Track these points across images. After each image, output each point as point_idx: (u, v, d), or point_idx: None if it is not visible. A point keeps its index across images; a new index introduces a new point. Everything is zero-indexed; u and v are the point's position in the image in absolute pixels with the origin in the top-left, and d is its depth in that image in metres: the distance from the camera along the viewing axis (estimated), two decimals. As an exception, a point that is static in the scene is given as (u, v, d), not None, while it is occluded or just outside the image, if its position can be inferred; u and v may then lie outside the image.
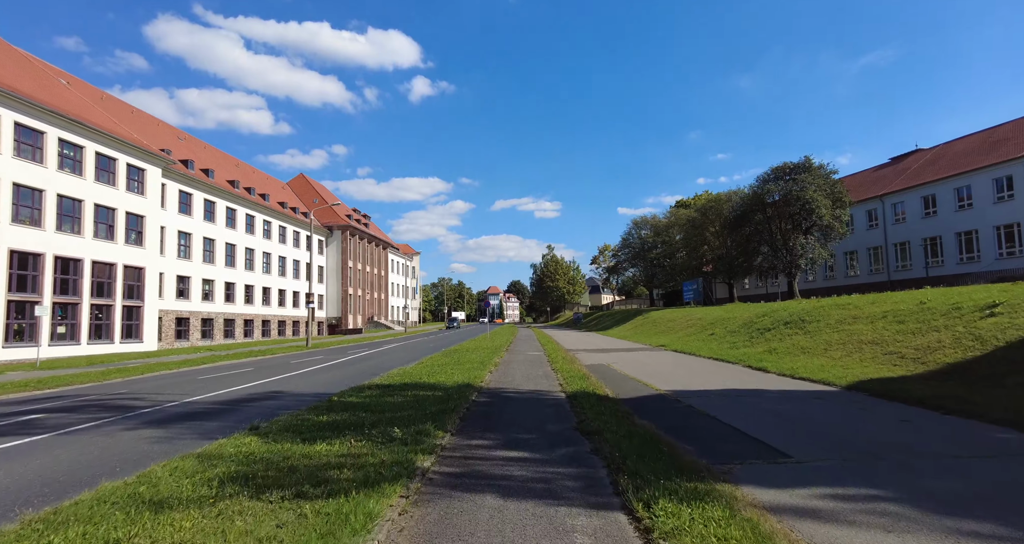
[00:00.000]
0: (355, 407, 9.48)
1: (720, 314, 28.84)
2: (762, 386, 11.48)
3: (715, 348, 20.44)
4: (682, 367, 15.99)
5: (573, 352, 23.40)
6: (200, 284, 45.21)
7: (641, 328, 38.59)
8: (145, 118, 46.95)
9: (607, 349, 24.83)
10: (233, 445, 6.85)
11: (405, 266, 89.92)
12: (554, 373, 15.28)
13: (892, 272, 46.46)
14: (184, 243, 43.71)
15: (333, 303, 64.74)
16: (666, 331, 31.85)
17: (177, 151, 45.97)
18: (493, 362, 18.39)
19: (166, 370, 19.99)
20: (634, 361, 18.62)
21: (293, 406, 10.82)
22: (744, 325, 22.89)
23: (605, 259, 77.68)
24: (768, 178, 45.60)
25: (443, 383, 12.68)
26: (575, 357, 20.64)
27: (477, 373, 14.67)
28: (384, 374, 15.46)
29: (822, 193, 41.76)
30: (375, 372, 17.21)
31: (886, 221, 47.29)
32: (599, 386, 11.93)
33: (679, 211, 58.80)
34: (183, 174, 42.81)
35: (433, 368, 16.46)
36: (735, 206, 49.12)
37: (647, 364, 17.32)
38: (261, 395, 12.81)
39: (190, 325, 44.04)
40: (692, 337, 25.63)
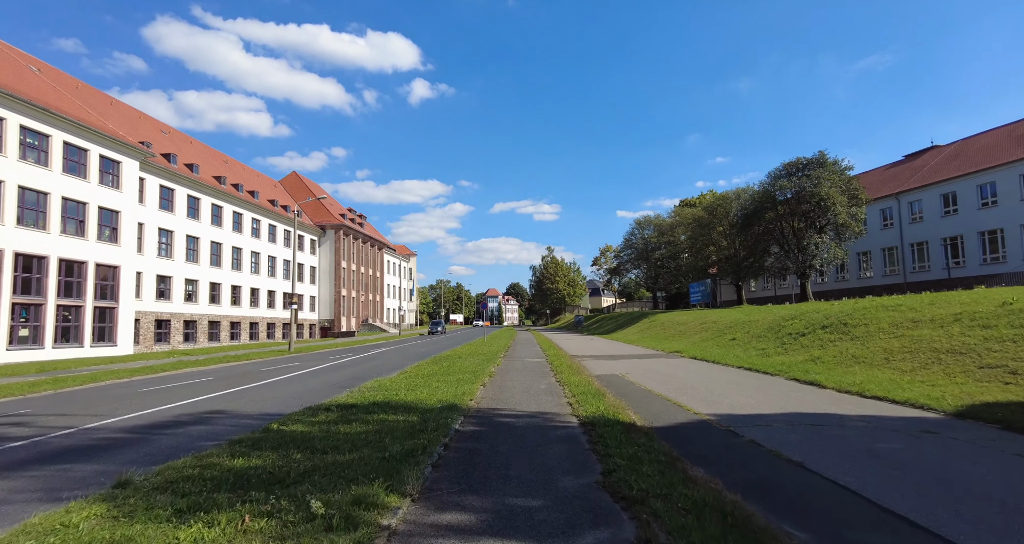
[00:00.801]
0: (293, 442, 6.79)
1: (737, 317, 26.13)
2: (832, 409, 8.78)
3: (742, 356, 17.73)
4: (714, 380, 13.26)
5: (579, 359, 20.69)
6: (183, 284, 42.47)
7: (648, 332, 35.85)
8: (125, 110, 44.29)
9: (616, 355, 22.13)
10: (49, 527, 4.16)
11: (401, 267, 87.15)
12: (560, 386, 12.58)
13: (908, 273, 43.87)
14: (165, 241, 40.99)
15: (326, 305, 61.97)
16: (677, 335, 29.13)
17: (160, 145, 43.29)
18: (487, 371, 15.68)
19: (114, 379, 17.24)
20: (652, 371, 15.90)
21: (221, 435, 8.13)
22: (770, 329, 20.18)
23: (607, 260, 74.90)
24: (780, 174, 42.99)
25: (422, 402, 9.97)
26: (582, 365, 17.94)
27: (467, 387, 11.95)
28: (356, 388, 12.74)
29: (837, 189, 39.18)
30: (348, 384, 14.50)
31: (902, 220, 44.70)
32: (620, 408, 9.23)
33: (684, 210, 56.16)
34: (164, 168, 40.13)
35: (416, 380, 13.76)
36: (744, 204, 46.48)
37: (670, 375, 14.60)
38: (194, 417, 10.08)
39: (171, 327, 41.27)
40: (710, 342, 22.91)
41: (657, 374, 14.94)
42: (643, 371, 15.82)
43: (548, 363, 18.92)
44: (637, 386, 12.69)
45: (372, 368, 19.64)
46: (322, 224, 61.93)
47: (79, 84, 40.18)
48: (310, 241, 60.98)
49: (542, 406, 10.02)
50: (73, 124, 31.13)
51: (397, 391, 11.56)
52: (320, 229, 61.91)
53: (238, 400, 12.24)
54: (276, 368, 20.77)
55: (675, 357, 20.26)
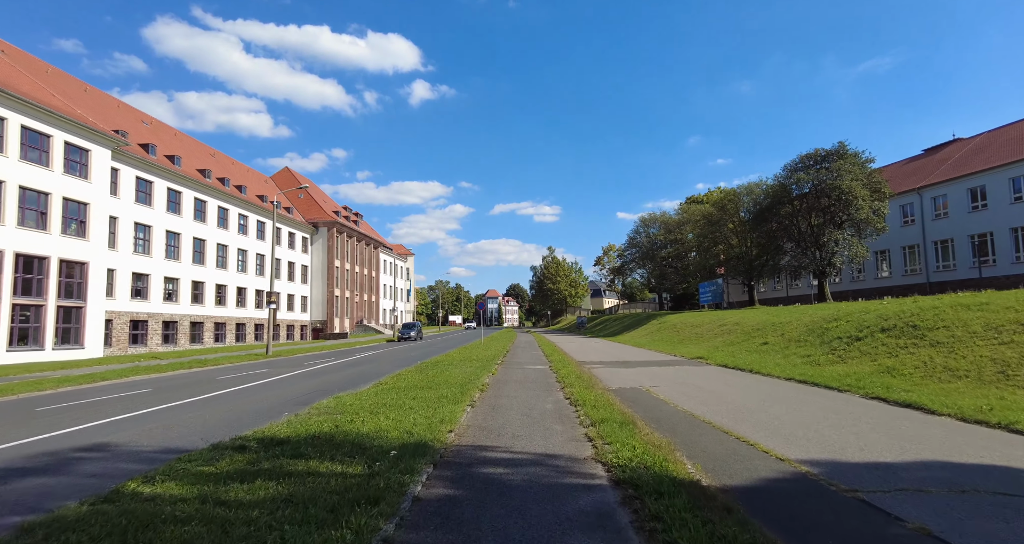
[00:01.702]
0: (126, 531, 3.83)
1: (763, 318, 23.10)
2: (990, 455, 5.77)
3: (784, 364, 14.73)
4: (769, 398, 10.23)
5: (587, 366, 17.68)
6: (161, 283, 39.46)
7: (659, 334, 32.80)
8: (102, 98, 41.34)
9: (630, 362, 19.11)
10: None
11: (399, 267, 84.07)
12: (571, 407, 9.59)
13: (931, 273, 40.89)
14: (142, 236, 37.99)
15: (318, 305, 58.93)
16: (694, 339, 26.11)
17: (139, 135, 40.35)
18: (479, 383, 12.66)
19: (29, 392, 14.14)
20: (682, 383, 12.87)
21: (53, 495, 5.16)
22: (809, 332, 17.17)
23: (610, 260, 71.84)
24: (797, 167, 40.00)
25: (381, 436, 6.97)
26: (593, 374, 14.92)
27: (448, 410, 8.92)
28: (307, 408, 9.73)
29: (859, 183, 36.22)
30: (305, 399, 11.50)
31: (924, 217, 41.71)
32: (664, 449, 6.22)
33: (692, 207, 53.14)
34: (141, 159, 37.15)
35: (388, 396, 10.75)
36: (757, 199, 43.51)
37: (707, 390, 11.56)
38: (55, 458, 7.06)
39: (148, 328, 38.25)
40: (736, 347, 19.89)
41: (690, 388, 11.91)
42: (670, 383, 12.78)
43: (553, 372, 15.92)
44: (671, 407, 9.66)
45: (346, 378, 16.63)
46: (314, 221, 58.93)
47: (49, 68, 37.24)
48: (302, 239, 57.98)
49: (550, 442, 7.00)
50: (32, 106, 28.16)
51: (355, 415, 8.55)
52: (312, 226, 58.90)
53: (150, 424, 9.22)
54: (238, 376, 17.76)
55: (700, 364, 17.23)
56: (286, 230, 55.01)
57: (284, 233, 54.72)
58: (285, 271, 54.66)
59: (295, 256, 56.58)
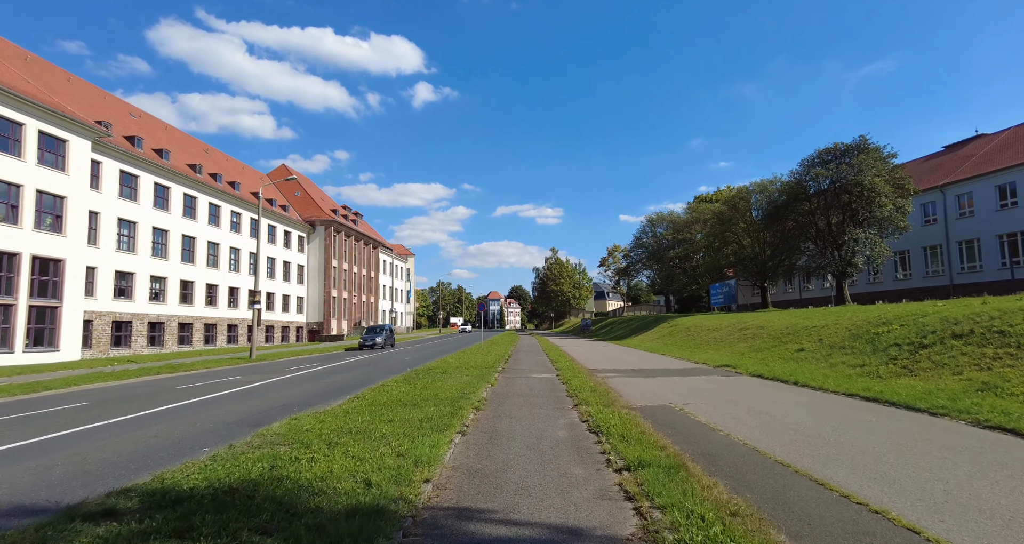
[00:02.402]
0: None
1: (789, 321, 20.79)
2: None
3: (833, 375, 12.45)
4: (844, 423, 7.92)
5: (600, 374, 15.41)
6: (147, 282, 37.30)
7: (671, 339, 30.47)
8: (87, 88, 39.28)
9: (647, 370, 16.82)
10: None
11: (398, 268, 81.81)
12: (591, 435, 7.36)
13: (955, 274, 38.51)
14: (127, 233, 35.85)
15: (314, 306, 56.71)
16: (711, 343, 23.80)
17: (125, 127, 38.28)
18: (475, 399, 10.40)
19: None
20: (719, 399, 10.58)
21: None
22: (854, 337, 14.87)
23: (615, 260, 69.45)
24: (814, 162, 37.66)
25: (326, 489, 4.74)
26: (608, 386, 12.66)
27: (431, 440, 6.65)
28: (254, 433, 7.50)
29: (882, 178, 33.89)
30: (260, 418, 9.27)
31: (948, 215, 39.34)
32: (746, 519, 3.96)
33: (702, 206, 50.81)
34: (127, 152, 35.04)
35: (359, 417, 8.49)
36: (771, 197, 41.18)
37: (757, 411, 9.25)
38: None
39: (132, 330, 36.08)
40: (766, 354, 17.60)
41: (732, 406, 9.62)
42: (705, 399, 10.50)
43: (562, 382, 13.66)
44: (722, 435, 7.38)
45: (324, 388, 14.38)
46: (311, 220, 56.75)
47: (28, 55, 35.18)
48: (298, 238, 55.80)
49: (571, 502, 4.73)
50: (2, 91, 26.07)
51: (306, 448, 6.30)
52: (309, 225, 56.73)
53: (32, 460, 6.96)
54: (204, 384, 15.53)
55: (729, 374, 14.94)
56: (281, 228, 52.86)
57: (279, 231, 52.57)
58: (280, 271, 52.50)
59: (291, 255, 54.41)
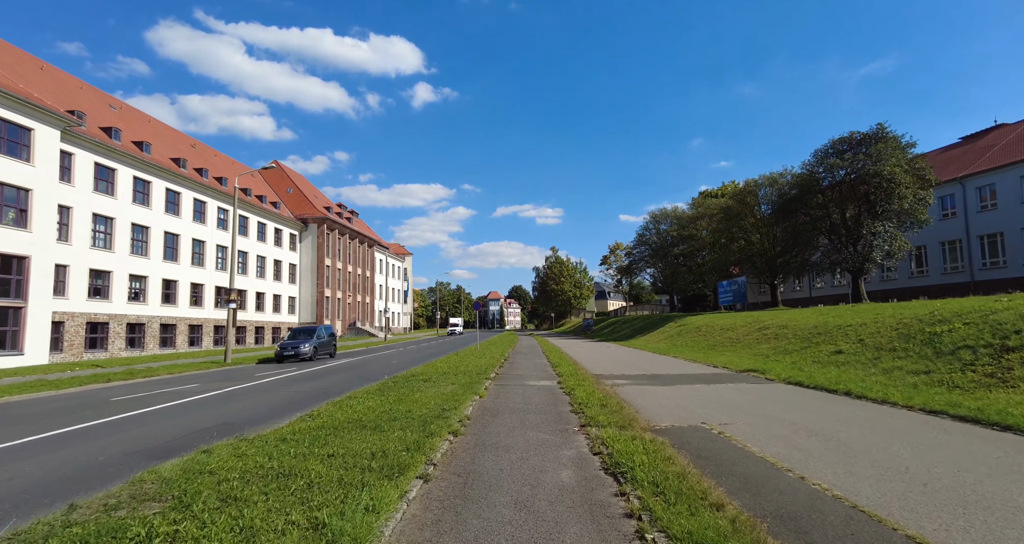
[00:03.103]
0: None
1: (816, 319, 18.54)
2: None
3: (890, 384, 10.24)
4: (956, 456, 5.73)
5: (608, 381, 13.18)
6: (126, 281, 35.10)
7: (680, 339, 28.21)
8: (60, 77, 37.07)
9: (661, 376, 14.59)
10: None
11: (396, 267, 79.54)
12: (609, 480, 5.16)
13: (977, 271, 36.31)
14: (103, 229, 33.65)
15: (307, 306, 54.46)
16: (729, 344, 21.55)
17: (102, 118, 36.12)
18: (456, 418, 8.17)
19: None
20: (761, 416, 8.35)
21: None
22: (906, 338, 12.64)
23: (617, 259, 67.14)
24: (828, 152, 35.46)
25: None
26: (620, 397, 10.43)
27: (370, 497, 4.42)
28: (133, 477, 5.29)
29: (901, 169, 31.69)
30: (166, 449, 7.04)
31: (968, 209, 37.13)
32: None
33: (708, 201, 48.57)
34: (102, 144, 32.83)
35: (293, 449, 6.27)
36: (782, 190, 38.97)
37: (819, 434, 7.00)
38: None
39: (110, 331, 33.86)
40: (795, 356, 15.37)
41: (789, 429, 7.38)
42: (748, 417, 8.26)
43: (564, 392, 11.44)
44: (796, 479, 5.15)
45: (283, 400, 12.16)
46: (303, 217, 54.52)
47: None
48: (289, 236, 53.57)
49: None
50: (-45, 73, 23.88)
51: (176, 515, 4.09)
52: (301, 223, 54.50)
53: None
54: (152, 394, 13.31)
55: (759, 380, 12.70)
56: (272, 225, 50.64)
57: (270, 229, 50.35)
58: (271, 270, 50.27)
59: (282, 254, 52.19)
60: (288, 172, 59.62)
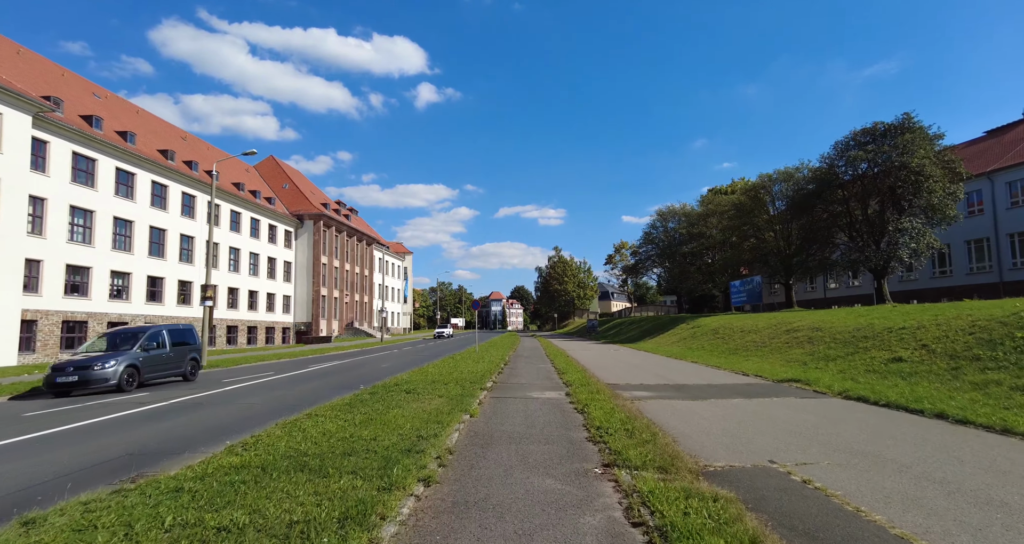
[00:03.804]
0: None
1: (857, 321, 16.24)
2: None
3: (990, 404, 8.02)
4: None
5: (627, 393, 10.91)
6: (107, 277, 32.99)
7: (695, 342, 25.91)
8: (39, 62, 34.95)
9: (686, 386, 12.32)
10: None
11: (395, 266, 77.33)
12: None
13: (1005, 271, 33.94)
14: (82, 223, 31.54)
15: (302, 306, 52.31)
16: (753, 349, 19.25)
17: (84, 106, 34.05)
18: (429, 456, 5.93)
19: None
20: (860, 453, 6.08)
21: None
22: (992, 344, 10.36)
23: (623, 258, 64.79)
24: (849, 144, 33.12)
25: None
26: (645, 416, 8.17)
27: None
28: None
29: (931, 161, 29.40)
30: (67, 480, 4.84)
31: (996, 205, 34.77)
32: None
33: (718, 197, 46.28)
34: (80, 132, 30.73)
35: (201, 498, 4.08)
36: (799, 185, 36.67)
37: (990, 501, 4.73)
38: None
39: (88, 331, 31.72)
40: (841, 364, 13.09)
41: (906, 476, 5.13)
42: (830, 453, 6.00)
43: (576, 409, 9.20)
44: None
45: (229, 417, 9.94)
46: (299, 213, 52.39)
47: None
48: (284, 232, 51.43)
49: None
50: (-91, 50, 21.77)
51: None
52: (297, 219, 52.36)
53: None
54: (80, 407, 11.11)
55: (807, 393, 10.43)
56: (266, 222, 48.52)
57: (263, 225, 48.23)
58: (264, 267, 48.15)
59: (276, 251, 50.05)
60: (284, 167, 57.53)
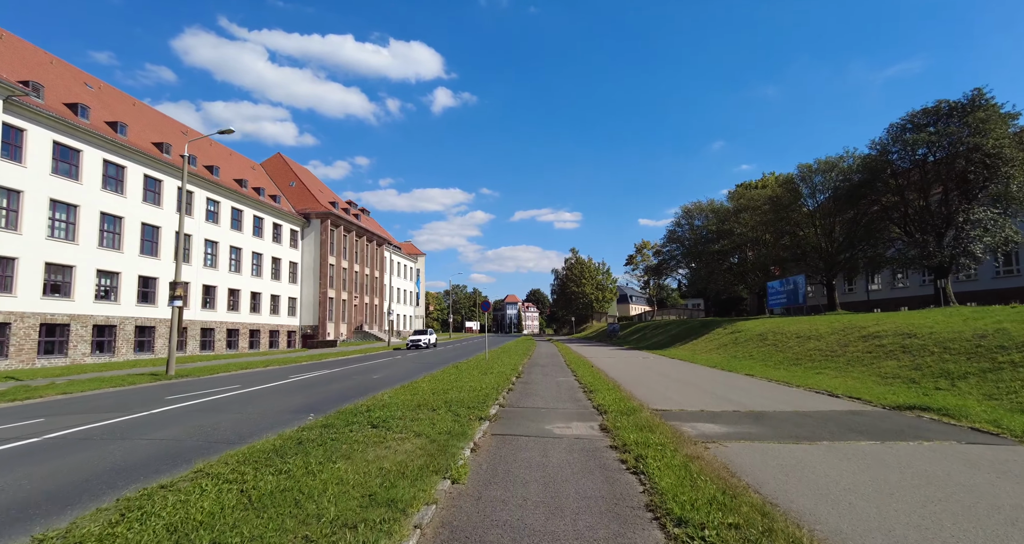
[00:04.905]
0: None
1: (967, 326, 12.36)
2: None
3: None
4: None
5: (688, 426, 7.27)
6: (93, 277, 30.26)
7: (739, 349, 22.00)
8: (23, 48, 32.37)
9: (764, 413, 8.64)
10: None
11: (408, 268, 74.24)
12: None
13: (1086, 269, 29.34)
14: (64, 217, 28.84)
15: (308, 308, 49.34)
16: (820, 359, 15.39)
17: (73, 94, 31.48)
18: None
19: None
20: None
21: None
22: None
23: (644, 258, 60.74)
24: (906, 128, 28.96)
25: None
26: (748, 485, 4.57)
27: None
28: None
29: (1009, 141, 25.24)
30: None
31: (1074, 195, 30.10)
32: None
33: (750, 192, 42.20)
34: (63, 120, 28.06)
35: None
36: (846, 175, 32.55)
37: None
38: None
39: (71, 334, 28.97)
40: (988, 387, 9.33)
41: None
42: None
43: (625, 464, 5.60)
44: None
45: (139, 453, 6.53)
46: (305, 212, 49.52)
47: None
48: (290, 231, 48.58)
49: None
50: None
51: None
52: (303, 218, 49.49)
53: None
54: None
55: (988, 438, 6.74)
56: (270, 220, 45.71)
57: (267, 223, 45.41)
58: (268, 268, 45.30)
59: (281, 251, 47.20)
60: (292, 165, 54.81)
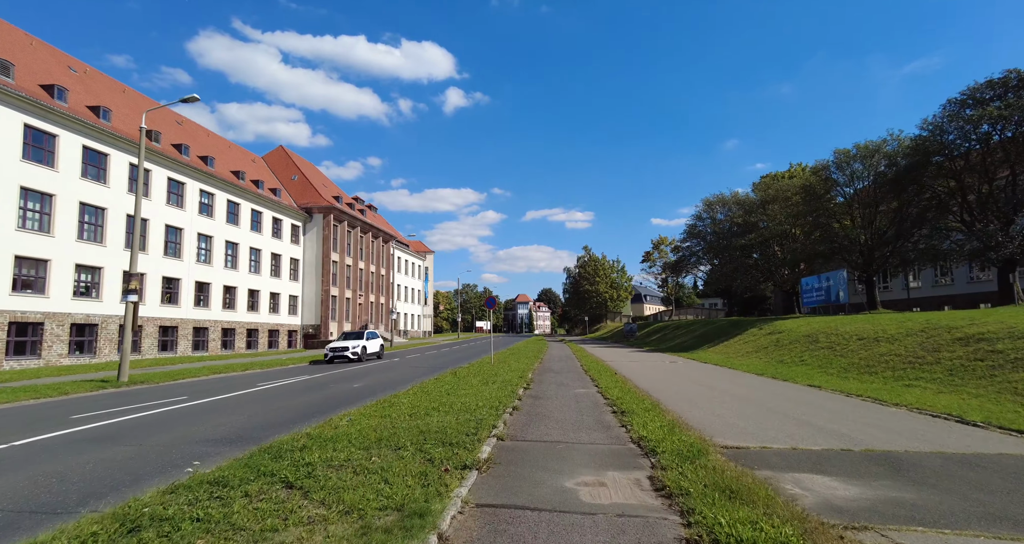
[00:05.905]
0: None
1: None
2: None
3: None
4: None
5: (801, 496, 4.15)
6: (71, 273, 27.68)
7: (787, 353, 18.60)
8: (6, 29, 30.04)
9: (900, 461, 5.59)
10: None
11: (416, 266, 71.41)
12: None
13: None
14: (36, 207, 26.28)
15: (310, 307, 46.64)
16: (901, 366, 12.09)
17: (52, 76, 28.93)
18: None
19: None
20: None
21: None
22: None
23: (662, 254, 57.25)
24: (965, 104, 25.33)
25: None
26: None
27: None
28: None
29: (1092, 115, 21.54)
30: None
31: None
32: None
33: (779, 182, 38.63)
34: (35, 101, 25.50)
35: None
36: (892, 160, 28.96)
37: None
38: None
39: (45, 333, 26.40)
40: None
41: None
42: None
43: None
44: None
45: None
46: (307, 207, 46.83)
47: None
48: (291, 226, 45.92)
49: None
50: None
51: None
52: (305, 212, 46.80)
53: None
54: None
55: None
56: (269, 214, 43.07)
57: (266, 218, 42.78)
58: (267, 264, 42.67)
59: (281, 246, 44.56)
60: (294, 158, 52.22)
